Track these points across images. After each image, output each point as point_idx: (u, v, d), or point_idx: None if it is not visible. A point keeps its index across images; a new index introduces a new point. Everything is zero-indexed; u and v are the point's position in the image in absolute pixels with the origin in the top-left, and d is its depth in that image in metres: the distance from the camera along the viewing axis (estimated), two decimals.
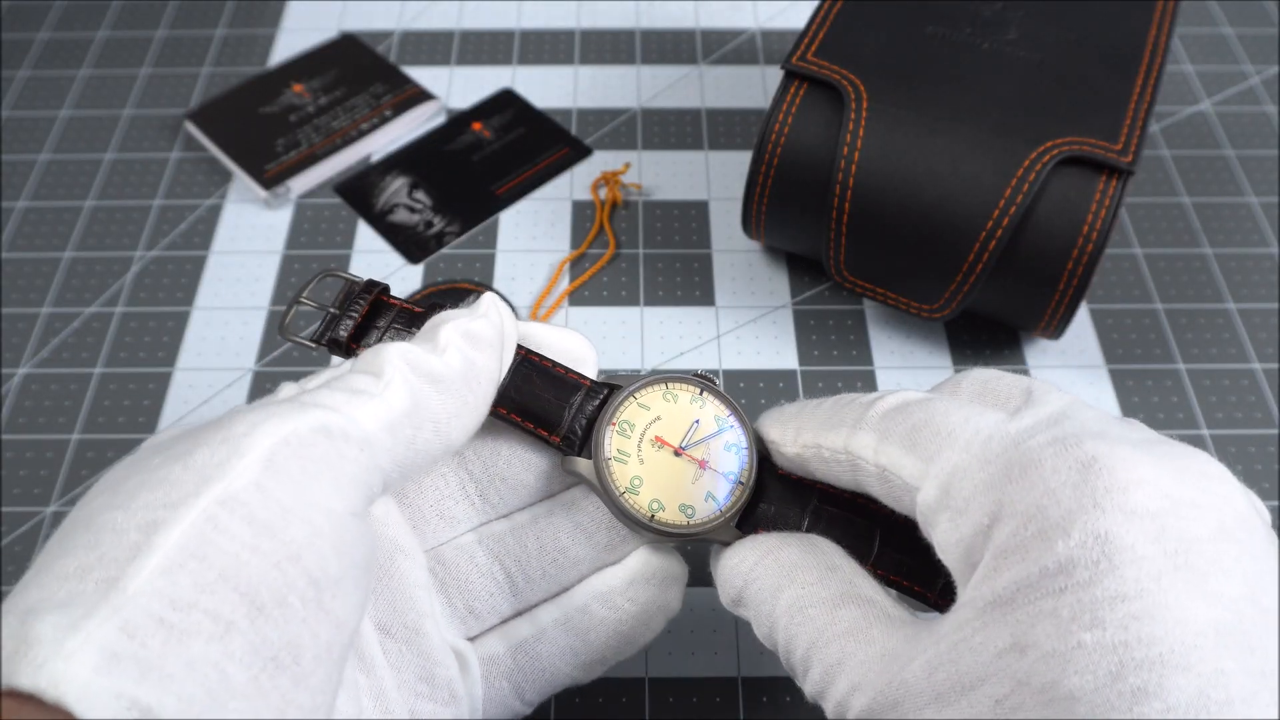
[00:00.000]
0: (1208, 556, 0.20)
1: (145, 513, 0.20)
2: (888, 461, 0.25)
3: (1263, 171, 0.52)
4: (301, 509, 0.21)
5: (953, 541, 0.23)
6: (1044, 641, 0.20)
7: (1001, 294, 0.41)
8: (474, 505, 0.29)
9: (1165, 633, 0.19)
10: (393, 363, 0.25)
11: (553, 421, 0.28)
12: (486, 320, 0.27)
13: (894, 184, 0.40)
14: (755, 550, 0.28)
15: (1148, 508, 0.20)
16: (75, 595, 0.18)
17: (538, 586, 0.29)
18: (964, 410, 0.24)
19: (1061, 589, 0.20)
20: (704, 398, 0.30)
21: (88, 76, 0.57)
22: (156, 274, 0.48)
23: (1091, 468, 0.21)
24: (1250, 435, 0.42)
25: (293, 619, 0.20)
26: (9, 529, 0.39)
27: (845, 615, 0.25)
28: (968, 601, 0.22)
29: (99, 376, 0.44)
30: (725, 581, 0.28)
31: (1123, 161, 0.38)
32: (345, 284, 0.30)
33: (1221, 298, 0.47)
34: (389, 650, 0.27)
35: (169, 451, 0.21)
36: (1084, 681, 0.19)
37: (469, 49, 0.59)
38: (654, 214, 0.50)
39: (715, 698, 0.35)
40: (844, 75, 0.42)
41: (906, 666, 0.22)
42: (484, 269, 0.48)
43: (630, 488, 0.28)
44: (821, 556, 0.27)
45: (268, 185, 0.50)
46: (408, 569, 0.27)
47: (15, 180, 0.52)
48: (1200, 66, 0.58)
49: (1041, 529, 0.21)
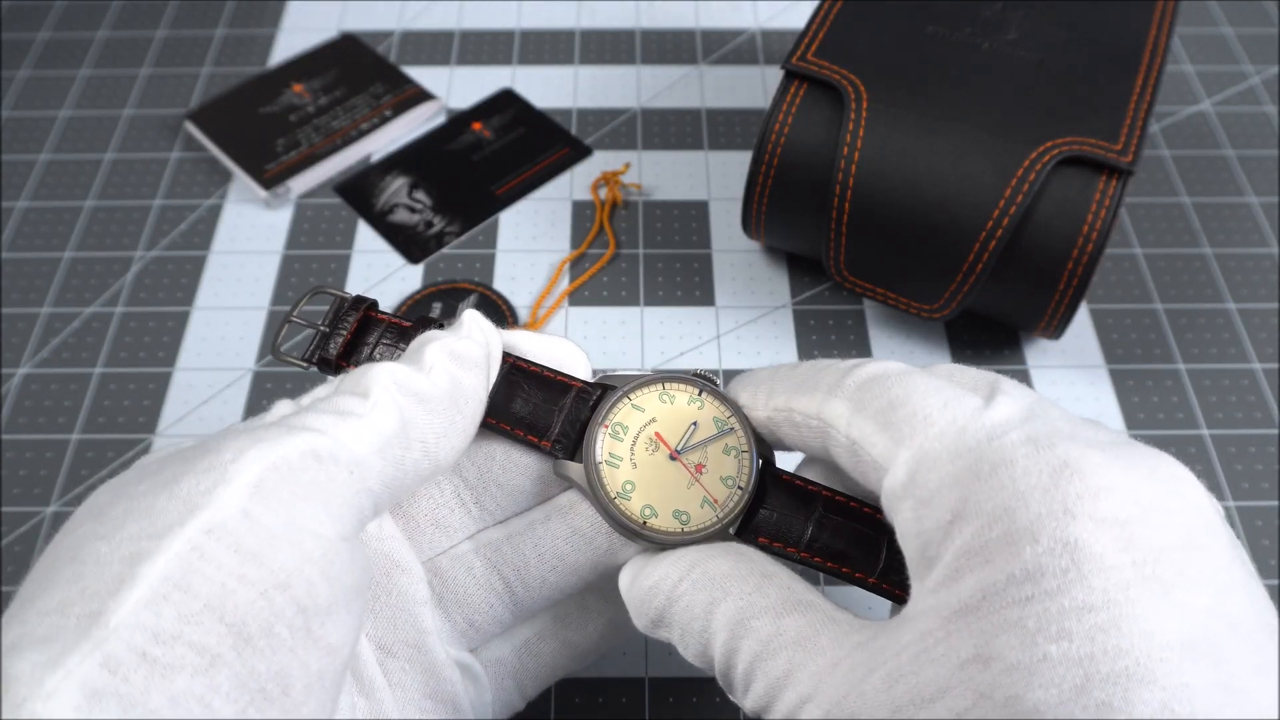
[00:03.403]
0: (1176, 566, 0.19)
1: (129, 544, 0.19)
2: (859, 436, 0.24)
3: (1263, 171, 0.52)
4: (290, 535, 0.21)
5: (913, 532, 0.22)
6: (1008, 653, 0.19)
7: (1001, 294, 0.41)
8: (469, 513, 0.28)
9: (1131, 645, 0.18)
10: (380, 382, 0.24)
11: (542, 426, 0.28)
12: (471, 340, 0.27)
13: (894, 184, 0.40)
14: (678, 564, 0.26)
15: (1117, 515, 0.20)
16: (56, 630, 0.18)
17: (537, 595, 0.29)
18: (943, 394, 0.23)
19: (1028, 598, 0.19)
20: (702, 398, 0.29)
21: (88, 76, 0.57)
22: (156, 274, 0.48)
23: (1063, 472, 0.21)
24: (1250, 435, 0.42)
25: (280, 649, 0.20)
26: (9, 529, 0.39)
27: (791, 624, 0.24)
28: (931, 608, 0.21)
29: (99, 376, 0.44)
30: (643, 602, 0.26)
31: (1123, 161, 0.38)
32: (334, 300, 0.30)
33: (1221, 298, 0.47)
34: (390, 670, 0.26)
35: (156, 478, 0.21)
36: (1048, 695, 0.18)
37: (469, 49, 0.59)
38: (654, 214, 0.50)
39: (715, 698, 0.35)
40: (844, 75, 0.42)
41: (866, 678, 0.22)
42: (484, 269, 0.48)
43: (622, 493, 0.27)
44: (753, 564, 0.26)
45: (268, 185, 0.50)
46: (406, 585, 0.27)
47: (15, 180, 0.52)
48: (1200, 66, 0.58)
49: (1008, 532, 0.20)
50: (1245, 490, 0.40)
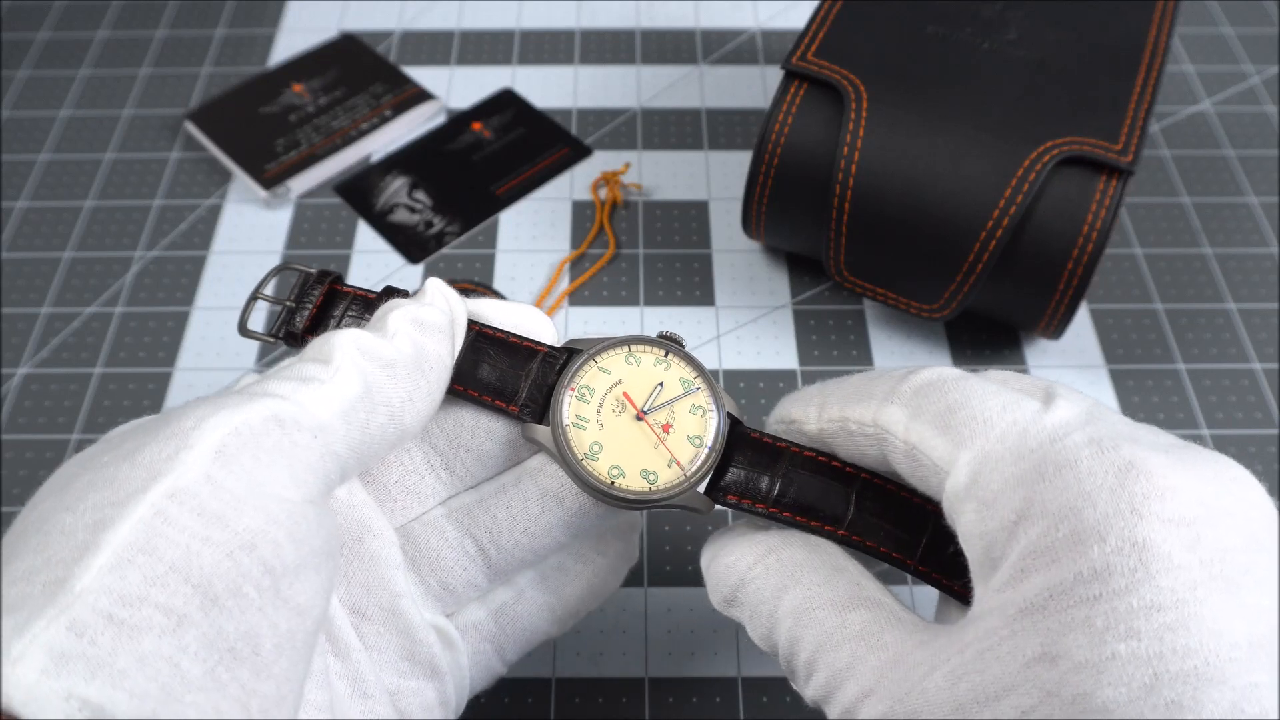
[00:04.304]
0: (1241, 566, 0.20)
1: (93, 513, 0.20)
2: (918, 440, 0.24)
3: (1263, 171, 0.52)
4: (254, 499, 0.21)
5: (977, 534, 0.22)
6: (1076, 651, 0.19)
7: (1001, 294, 0.41)
8: (440, 479, 0.28)
9: (1200, 645, 0.18)
10: (342, 348, 0.24)
11: (509, 391, 0.28)
12: (434, 307, 0.27)
13: (894, 184, 0.40)
14: (754, 548, 0.27)
15: (1184, 515, 0.20)
16: (22, 598, 0.18)
17: (510, 557, 0.29)
18: (1001, 397, 0.24)
19: (1096, 597, 0.19)
20: (669, 360, 0.29)
21: (88, 76, 0.57)
22: (156, 274, 0.48)
23: (1129, 472, 0.21)
24: (1250, 435, 0.42)
25: (249, 609, 0.20)
26: (9, 529, 0.39)
27: (856, 618, 0.24)
28: (996, 608, 0.21)
29: (99, 376, 0.44)
30: (720, 580, 0.27)
31: (1123, 161, 0.38)
32: (299, 275, 0.30)
33: (1221, 298, 0.47)
34: (365, 633, 0.26)
35: (118, 449, 0.21)
36: (1117, 694, 0.18)
37: (469, 49, 0.59)
38: (654, 214, 0.50)
39: (715, 698, 0.35)
40: (844, 75, 0.42)
41: (928, 675, 0.22)
42: (484, 269, 0.48)
43: (589, 454, 0.27)
44: (826, 557, 0.26)
45: (268, 185, 0.50)
46: (378, 549, 0.27)
47: (15, 180, 0.52)
48: (1200, 66, 0.58)
49: (1074, 532, 0.20)
50: None
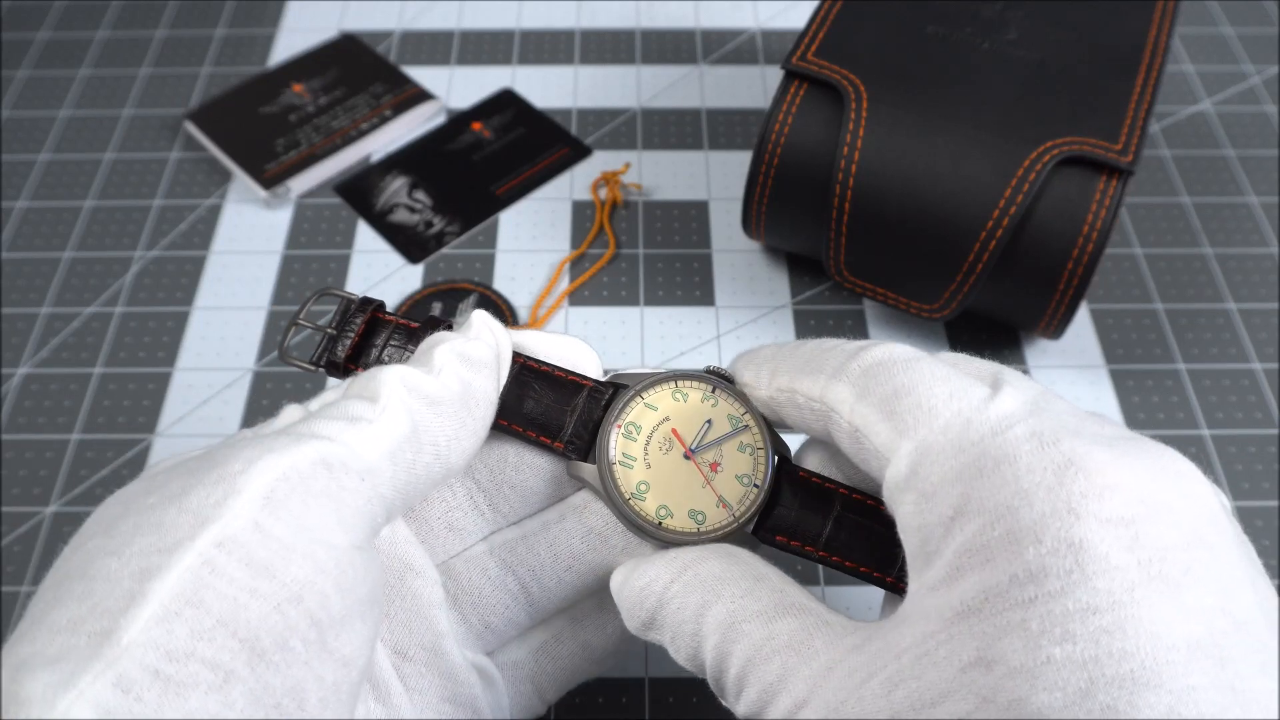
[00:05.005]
0: (1181, 565, 0.19)
1: (139, 559, 0.19)
2: (861, 423, 0.24)
3: (1263, 171, 0.52)
4: (303, 546, 0.20)
5: (914, 526, 0.22)
6: (1011, 656, 0.19)
7: (1001, 294, 0.41)
8: (483, 515, 0.28)
9: (1137, 647, 0.18)
10: (389, 385, 0.24)
11: (554, 427, 0.27)
12: (480, 341, 0.26)
13: (894, 184, 0.40)
14: (670, 566, 0.26)
15: (1123, 514, 0.20)
16: (68, 649, 0.18)
17: (553, 595, 0.28)
18: (949, 383, 0.23)
19: (1031, 599, 0.19)
20: (716, 395, 0.28)
21: (88, 76, 0.57)
22: (156, 274, 0.48)
23: (1068, 470, 0.20)
24: (1250, 435, 0.42)
25: (295, 663, 0.19)
26: (9, 529, 0.39)
27: (783, 627, 0.24)
28: (932, 609, 0.21)
29: (99, 376, 0.44)
30: (634, 603, 0.26)
31: (1123, 161, 0.38)
32: (341, 302, 0.30)
33: (1221, 298, 0.47)
34: (406, 674, 0.26)
35: (164, 491, 0.21)
36: (1053, 699, 0.18)
37: (469, 49, 0.59)
38: (654, 214, 0.50)
39: (715, 698, 0.35)
40: (844, 75, 0.42)
41: (864, 683, 0.21)
42: (484, 269, 0.48)
43: (636, 493, 0.27)
44: (745, 567, 0.25)
45: (268, 185, 0.50)
46: (420, 588, 0.26)
47: (15, 180, 0.52)
48: (1200, 66, 0.58)
49: (1010, 531, 0.20)
50: (1245, 490, 0.40)
